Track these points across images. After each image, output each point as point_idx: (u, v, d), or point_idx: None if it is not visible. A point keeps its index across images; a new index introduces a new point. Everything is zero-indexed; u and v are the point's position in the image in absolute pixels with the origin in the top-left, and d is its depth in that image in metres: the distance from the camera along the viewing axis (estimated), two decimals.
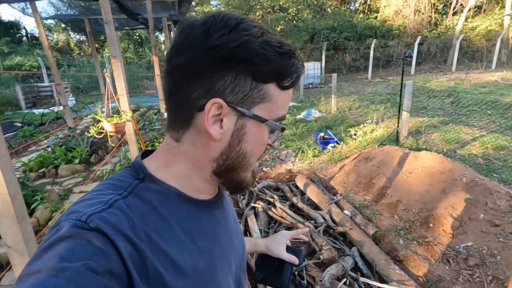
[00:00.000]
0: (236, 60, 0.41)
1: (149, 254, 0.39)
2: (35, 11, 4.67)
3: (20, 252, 1.21)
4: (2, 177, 1.11)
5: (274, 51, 0.42)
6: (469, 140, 4.48)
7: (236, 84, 0.42)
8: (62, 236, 0.34)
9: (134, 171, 0.48)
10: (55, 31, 19.58)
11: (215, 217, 0.53)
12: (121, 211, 0.40)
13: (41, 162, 4.46)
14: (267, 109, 0.45)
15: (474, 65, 14.66)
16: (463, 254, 2.17)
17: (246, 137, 0.45)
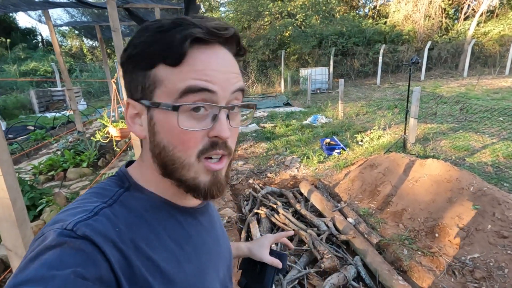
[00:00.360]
0: (125, 60, 0.44)
1: (136, 261, 0.39)
2: (48, 19, 4.83)
3: (19, 255, 1.24)
4: (4, 182, 1.14)
5: (150, 33, 0.41)
6: (479, 147, 4.36)
7: (132, 80, 0.44)
8: (49, 245, 0.33)
9: (119, 180, 0.49)
10: (69, 37, 20.15)
11: (201, 224, 0.54)
12: (107, 219, 0.39)
13: (51, 165, 4.56)
14: (163, 93, 0.41)
15: (487, 71, 14.36)
16: (470, 266, 2.10)
17: (157, 128, 0.43)
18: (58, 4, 4.11)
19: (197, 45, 0.41)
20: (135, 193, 0.46)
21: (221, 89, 0.42)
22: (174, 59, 0.40)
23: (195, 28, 0.40)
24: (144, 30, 0.42)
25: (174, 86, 0.41)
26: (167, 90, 0.41)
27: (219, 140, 0.43)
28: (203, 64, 0.41)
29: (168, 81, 0.41)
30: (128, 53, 0.43)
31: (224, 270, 0.58)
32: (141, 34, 0.42)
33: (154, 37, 0.41)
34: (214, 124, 0.42)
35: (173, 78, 0.41)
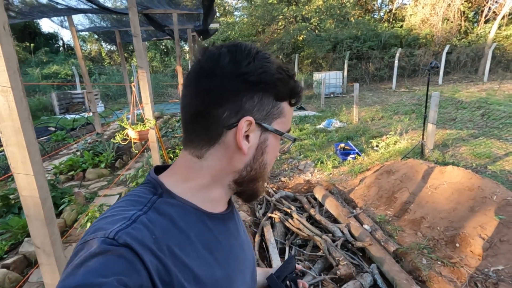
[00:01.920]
0: (262, 83, 0.48)
1: (173, 268, 0.40)
2: (72, 25, 5.03)
3: (47, 253, 1.29)
4: (35, 182, 1.20)
5: (286, 75, 0.50)
6: (502, 155, 4.21)
7: (261, 104, 0.49)
8: (94, 253, 0.35)
9: (152, 187, 0.50)
10: (89, 42, 20.87)
11: (229, 229, 0.55)
12: (144, 226, 0.41)
13: (71, 166, 4.71)
14: (282, 123, 0.52)
15: (509, 75, 13.86)
16: (493, 278, 2.02)
17: (267, 149, 0.52)
18: (81, 10, 4.27)
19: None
20: (168, 200, 0.48)
21: None
22: (295, 102, 0.54)
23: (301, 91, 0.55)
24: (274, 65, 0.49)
25: (287, 121, 0.54)
26: (284, 122, 0.53)
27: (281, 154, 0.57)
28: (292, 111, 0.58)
29: (287, 116, 0.53)
30: (269, 81, 0.48)
31: (250, 275, 0.59)
32: (275, 68, 0.49)
33: (288, 79, 0.51)
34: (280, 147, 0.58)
35: (288, 115, 0.54)
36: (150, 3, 4.46)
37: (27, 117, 1.16)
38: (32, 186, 1.20)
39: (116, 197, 3.77)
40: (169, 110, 10.95)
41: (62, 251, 1.36)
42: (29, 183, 1.20)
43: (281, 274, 0.71)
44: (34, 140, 1.20)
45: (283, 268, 0.73)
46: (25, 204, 1.23)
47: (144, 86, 3.09)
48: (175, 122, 6.53)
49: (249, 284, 0.58)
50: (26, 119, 1.16)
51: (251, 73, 0.47)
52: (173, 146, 5.14)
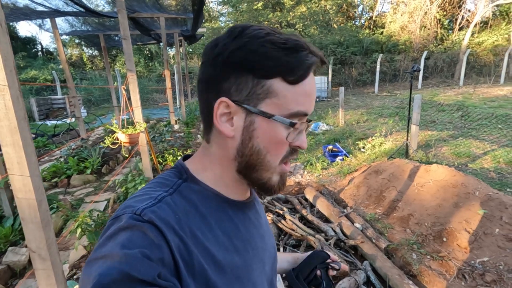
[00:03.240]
0: (235, 61, 0.45)
1: (193, 248, 0.42)
2: (55, 28, 4.90)
3: (43, 257, 1.25)
4: (31, 183, 1.16)
5: (276, 48, 0.44)
6: (480, 154, 4.43)
7: (238, 83, 0.45)
8: (122, 227, 0.38)
9: (178, 172, 0.52)
10: (69, 46, 20.30)
11: (249, 218, 0.56)
12: (168, 206, 0.43)
13: (54, 172, 4.55)
14: (275, 105, 0.45)
15: (482, 80, 14.63)
16: (479, 270, 2.12)
17: (256, 133, 0.47)
18: (67, 13, 4.18)
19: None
20: (192, 185, 0.50)
21: (311, 111, 0.49)
22: (296, 79, 0.45)
23: (315, 57, 0.46)
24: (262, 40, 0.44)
25: (287, 103, 0.45)
26: (280, 103, 0.45)
27: (298, 149, 0.50)
28: (310, 87, 0.47)
29: (282, 96, 0.45)
30: (244, 57, 0.44)
31: (269, 265, 0.60)
32: (260, 43, 0.44)
33: (280, 52, 0.44)
34: (299, 137, 0.49)
35: (288, 95, 0.45)
36: (137, 7, 4.42)
37: (23, 117, 1.14)
38: (28, 187, 1.17)
39: (104, 203, 3.67)
40: (155, 115, 10.80)
41: (58, 255, 1.32)
42: (25, 185, 1.17)
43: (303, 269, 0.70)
44: (30, 140, 1.18)
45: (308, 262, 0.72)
46: (20, 207, 1.19)
47: (134, 89, 3.05)
48: (162, 127, 6.46)
49: (268, 274, 0.58)
50: (22, 118, 1.13)
51: (223, 53, 0.45)
52: (162, 150, 5.07)
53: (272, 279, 0.61)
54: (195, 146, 5.58)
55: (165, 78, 5.77)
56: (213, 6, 21.18)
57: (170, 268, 0.38)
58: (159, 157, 4.82)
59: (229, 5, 19.44)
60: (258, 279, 0.53)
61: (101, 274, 0.33)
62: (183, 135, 5.90)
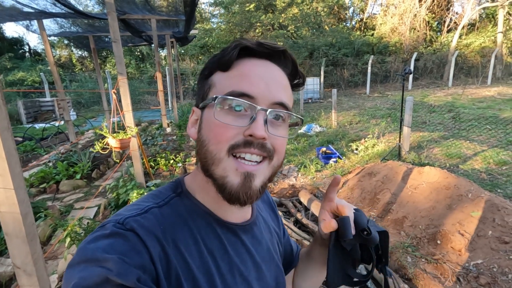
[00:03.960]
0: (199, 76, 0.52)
1: (174, 260, 0.42)
2: (42, 29, 4.78)
3: (28, 273, 1.19)
4: (15, 196, 1.11)
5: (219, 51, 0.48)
6: (471, 155, 4.49)
7: (199, 90, 0.52)
8: (105, 234, 0.40)
9: (174, 186, 0.53)
10: (58, 47, 19.91)
11: (242, 242, 0.52)
12: (154, 217, 0.44)
13: (42, 178, 4.42)
14: (213, 94, 0.47)
15: (470, 80, 14.94)
16: (474, 272, 2.13)
17: (202, 125, 0.48)
18: (54, 15, 4.07)
19: (248, 57, 0.47)
20: (185, 199, 0.50)
21: (261, 96, 0.44)
22: (225, 64, 0.47)
23: (245, 41, 0.47)
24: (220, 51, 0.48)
25: (222, 87, 0.46)
26: (216, 91, 0.47)
27: (254, 139, 0.43)
28: (248, 69, 0.46)
29: (218, 83, 0.47)
30: (200, 71, 0.51)
31: None
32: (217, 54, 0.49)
33: (217, 53, 0.49)
34: (250, 124, 0.43)
35: (223, 81, 0.47)
36: (128, 9, 4.34)
37: (6, 126, 1.08)
38: (11, 200, 1.11)
39: (95, 209, 3.58)
40: (147, 118, 10.66)
41: (45, 270, 1.26)
42: (8, 198, 1.11)
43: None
44: (14, 151, 1.12)
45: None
46: (3, 221, 1.13)
47: (124, 93, 2.98)
48: (154, 130, 6.37)
49: None
50: (5, 128, 1.07)
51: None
52: (154, 154, 4.99)
53: None
54: (187, 149, 5.52)
55: (157, 80, 5.69)
56: (205, 7, 21.10)
57: (151, 274, 0.39)
58: (151, 161, 4.74)
59: (221, 7, 19.39)
60: None
61: (81, 278, 0.35)
62: (175, 138, 5.82)
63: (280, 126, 0.47)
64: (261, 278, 0.54)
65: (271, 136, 0.45)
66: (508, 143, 4.83)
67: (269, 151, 0.45)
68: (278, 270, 0.60)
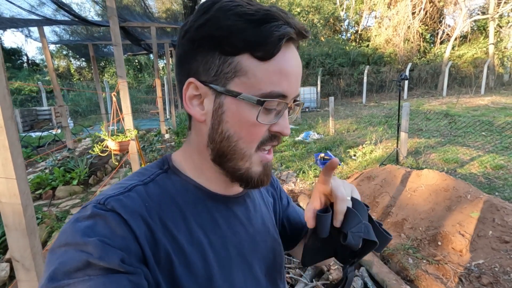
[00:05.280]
0: (201, 38, 0.41)
1: (161, 236, 0.41)
2: (43, 36, 4.82)
3: (27, 267, 1.16)
4: (17, 187, 1.10)
5: (242, 20, 0.39)
6: (467, 160, 4.53)
7: (206, 62, 0.41)
8: (85, 216, 0.38)
9: (160, 163, 0.50)
10: (57, 58, 20.04)
11: (234, 214, 0.51)
12: (138, 195, 0.42)
13: (38, 184, 4.37)
14: (244, 84, 0.41)
15: (464, 90, 15.20)
16: (476, 272, 2.12)
17: (225, 117, 0.42)
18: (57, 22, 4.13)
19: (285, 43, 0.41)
20: (172, 176, 0.48)
21: (291, 93, 0.43)
22: (266, 54, 0.40)
23: (289, 28, 0.40)
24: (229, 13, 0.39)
25: (258, 82, 0.40)
26: (250, 82, 0.40)
27: (279, 134, 0.45)
28: (287, 65, 0.41)
29: (252, 74, 0.40)
30: (209, 32, 0.40)
31: (261, 270, 0.53)
32: (227, 16, 0.39)
33: (247, 25, 0.39)
34: (279, 120, 0.44)
35: (259, 73, 0.40)
36: (128, 16, 4.42)
37: (10, 116, 1.08)
38: (13, 191, 1.10)
39: None
40: (144, 126, 10.66)
41: (43, 266, 1.24)
42: (10, 189, 1.10)
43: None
44: (17, 141, 1.12)
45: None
46: (4, 213, 1.11)
47: (124, 96, 3.00)
48: (152, 136, 6.36)
49: (258, 279, 0.52)
50: (9, 118, 1.07)
51: (191, 29, 0.42)
52: (152, 160, 4.97)
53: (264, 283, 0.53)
54: None
55: (156, 87, 5.72)
56: None
57: (137, 254, 0.37)
58: None
59: None
60: (239, 282, 0.47)
61: (61, 263, 0.33)
62: (173, 144, 5.82)
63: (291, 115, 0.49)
64: (256, 250, 0.53)
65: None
66: (503, 148, 4.89)
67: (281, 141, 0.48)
68: (275, 242, 0.59)
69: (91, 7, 5.67)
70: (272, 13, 0.39)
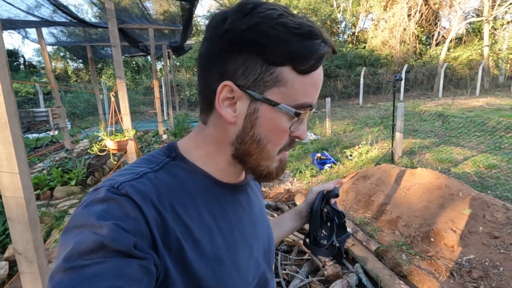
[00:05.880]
0: (245, 42, 0.41)
1: (172, 224, 0.42)
2: (41, 38, 4.85)
3: (29, 259, 1.20)
4: (20, 181, 1.13)
5: (289, 32, 0.41)
6: (461, 159, 4.61)
7: (246, 67, 0.42)
8: (99, 199, 0.39)
9: (167, 150, 0.52)
10: (54, 59, 19.99)
11: (239, 202, 0.55)
12: (150, 182, 0.43)
13: (36, 184, 4.38)
14: (282, 94, 0.43)
15: (459, 92, 15.36)
16: (467, 267, 2.17)
17: (259, 122, 0.45)
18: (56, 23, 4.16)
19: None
20: (180, 163, 0.49)
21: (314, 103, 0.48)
22: (306, 69, 0.43)
23: (327, 46, 0.44)
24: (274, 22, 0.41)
25: (295, 93, 0.44)
26: (287, 93, 0.43)
27: (297, 139, 0.51)
28: (318, 78, 0.46)
29: (291, 86, 0.43)
30: (255, 38, 0.41)
31: (259, 253, 0.58)
32: (273, 25, 0.41)
33: (293, 37, 0.41)
34: (299, 127, 0.48)
35: (296, 85, 0.43)
36: (126, 17, 4.46)
37: (14, 113, 1.12)
38: (16, 185, 1.14)
39: None
40: (142, 127, 10.67)
41: (45, 258, 1.28)
42: (13, 183, 1.13)
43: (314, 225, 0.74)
44: (20, 137, 1.16)
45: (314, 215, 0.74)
46: (7, 206, 1.15)
47: (123, 96, 3.04)
48: (150, 137, 6.38)
49: (257, 261, 0.56)
50: (13, 114, 1.12)
51: (232, 31, 0.42)
52: None
53: (264, 270, 0.58)
54: None
55: (154, 88, 5.77)
56: (200, 20, 21.53)
57: (148, 240, 0.38)
58: None
59: None
60: (244, 263, 0.51)
61: (77, 243, 0.34)
62: None
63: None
64: (256, 234, 0.57)
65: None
66: (496, 148, 4.97)
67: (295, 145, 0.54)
68: (268, 227, 0.65)
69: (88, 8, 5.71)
70: (314, 29, 0.42)
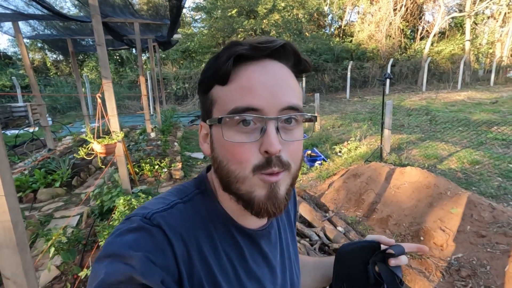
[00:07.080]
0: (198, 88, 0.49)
1: (196, 262, 0.42)
2: (18, 32, 4.57)
3: (19, 284, 1.14)
4: (6, 204, 1.06)
5: (208, 61, 0.45)
6: (446, 155, 4.74)
7: (201, 104, 0.49)
8: (131, 228, 0.39)
9: (198, 182, 0.52)
10: (31, 50, 19.03)
11: (259, 248, 0.52)
12: (179, 213, 0.44)
13: (18, 186, 4.19)
14: (218, 110, 0.44)
15: (442, 85, 15.78)
16: (455, 266, 2.25)
17: (214, 144, 0.45)
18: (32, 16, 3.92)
19: (244, 63, 0.42)
20: (207, 199, 0.49)
21: (267, 106, 0.41)
22: (222, 78, 0.43)
23: (238, 46, 0.42)
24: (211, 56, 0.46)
25: (224, 104, 0.42)
26: (219, 107, 0.43)
27: (271, 155, 0.41)
28: (248, 80, 0.41)
29: (220, 99, 0.44)
30: (198, 82, 0.48)
31: None
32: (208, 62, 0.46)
33: (210, 63, 0.45)
34: (262, 137, 0.41)
35: (223, 96, 0.43)
36: (110, 12, 4.25)
37: None
38: (2, 208, 1.07)
39: (77, 218, 3.45)
40: (128, 123, 10.40)
41: (36, 281, 1.21)
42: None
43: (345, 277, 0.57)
44: (4, 157, 1.08)
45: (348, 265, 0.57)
46: None
47: (109, 97, 2.92)
48: (137, 135, 6.22)
49: None
50: None
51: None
52: (138, 160, 4.87)
53: None
54: (172, 155, 5.43)
55: (140, 84, 5.59)
56: (186, 12, 20.97)
57: (174, 276, 0.38)
58: (135, 166, 4.63)
59: (203, 12, 19.36)
60: None
61: (107, 273, 0.35)
62: (160, 143, 5.72)
63: (293, 129, 0.44)
64: (275, 282, 0.55)
65: (286, 142, 0.42)
66: (479, 143, 5.15)
67: (286, 164, 0.43)
68: (292, 273, 0.60)
69: None
70: (233, 42, 0.43)
